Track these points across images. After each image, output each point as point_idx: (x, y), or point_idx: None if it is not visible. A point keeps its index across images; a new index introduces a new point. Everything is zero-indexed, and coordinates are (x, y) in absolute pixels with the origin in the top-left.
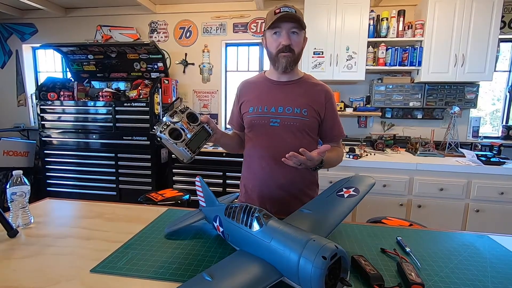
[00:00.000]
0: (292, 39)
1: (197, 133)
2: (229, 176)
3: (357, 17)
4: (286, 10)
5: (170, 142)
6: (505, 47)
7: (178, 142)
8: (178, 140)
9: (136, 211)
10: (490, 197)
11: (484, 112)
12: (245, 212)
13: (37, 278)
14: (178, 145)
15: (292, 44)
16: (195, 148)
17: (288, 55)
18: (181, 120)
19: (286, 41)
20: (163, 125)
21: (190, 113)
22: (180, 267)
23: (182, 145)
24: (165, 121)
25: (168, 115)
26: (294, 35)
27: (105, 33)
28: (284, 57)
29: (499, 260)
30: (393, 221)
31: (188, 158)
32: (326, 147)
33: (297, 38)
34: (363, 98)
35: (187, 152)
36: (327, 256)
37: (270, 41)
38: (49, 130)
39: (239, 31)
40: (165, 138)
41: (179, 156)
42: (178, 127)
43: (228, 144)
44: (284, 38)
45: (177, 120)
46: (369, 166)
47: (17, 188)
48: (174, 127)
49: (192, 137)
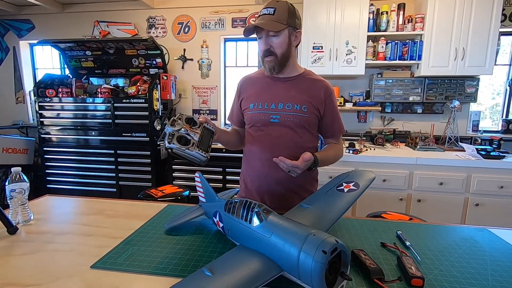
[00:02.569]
0: (271, 42)
1: (202, 134)
2: (228, 172)
3: (356, 11)
4: (264, 12)
5: (182, 149)
6: (506, 41)
7: (190, 147)
8: (188, 145)
9: (136, 208)
10: (489, 191)
11: (484, 106)
12: (245, 207)
13: (37, 274)
14: (191, 150)
15: (272, 47)
16: (206, 148)
17: (271, 59)
18: (183, 126)
19: (263, 46)
20: (168, 136)
21: (188, 118)
22: (180, 263)
23: (194, 149)
24: (169, 131)
25: (169, 125)
26: (272, 38)
27: (102, 29)
28: (267, 62)
29: (499, 254)
30: (393, 216)
31: (204, 159)
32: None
33: (276, 40)
34: (362, 93)
35: (201, 154)
36: (327, 251)
37: (258, 44)
38: (48, 127)
39: (238, 26)
40: (176, 147)
41: (194, 160)
42: (183, 134)
43: (227, 141)
44: (262, 43)
45: (179, 128)
46: (369, 161)
47: (16, 185)
48: (179, 134)
49: (199, 139)
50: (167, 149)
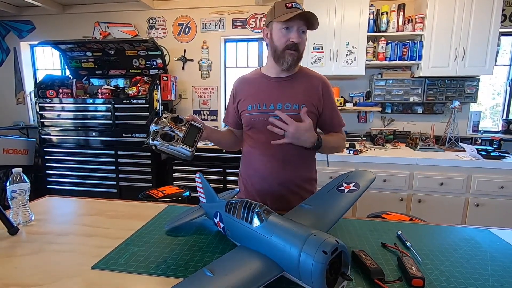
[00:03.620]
0: (301, 38)
1: (188, 131)
2: (229, 172)
3: (356, 11)
4: (298, 6)
5: (166, 145)
6: (506, 41)
7: (174, 142)
8: (172, 141)
9: (136, 208)
10: (490, 191)
11: (484, 107)
12: (246, 208)
13: (39, 275)
14: (174, 145)
15: (300, 43)
16: (192, 143)
17: (295, 54)
18: (167, 124)
19: (297, 39)
20: (152, 134)
21: (174, 117)
22: (181, 263)
23: (178, 144)
24: (153, 129)
25: (153, 124)
26: (302, 34)
27: (103, 29)
28: (291, 55)
29: (500, 254)
30: (393, 216)
31: (189, 155)
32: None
33: (304, 37)
34: (363, 93)
35: (186, 149)
36: (327, 251)
37: (279, 35)
38: (48, 128)
39: (238, 26)
40: (160, 143)
41: (179, 156)
42: (168, 131)
43: (220, 140)
44: (295, 36)
45: (163, 126)
46: (369, 161)
47: (17, 186)
48: (164, 132)
49: (184, 134)
50: (150, 146)
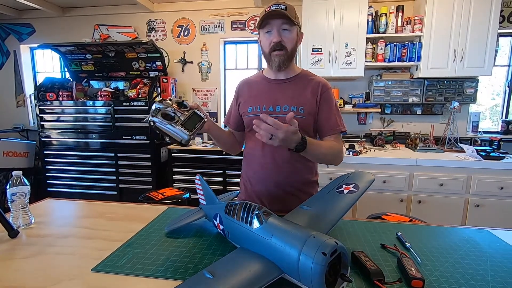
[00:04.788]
0: (283, 36)
1: (190, 116)
2: (229, 174)
3: (355, 13)
4: (276, 7)
5: (165, 123)
6: (504, 42)
7: (173, 123)
8: (172, 121)
9: (136, 210)
10: (490, 192)
11: (483, 107)
12: (245, 210)
13: (39, 278)
14: (174, 126)
15: (283, 41)
16: (191, 129)
17: (281, 53)
18: (171, 105)
19: (276, 38)
20: (154, 111)
21: (178, 101)
22: (181, 265)
23: (178, 125)
24: (156, 107)
25: (157, 102)
26: (285, 32)
27: (103, 32)
28: (277, 56)
29: (499, 255)
30: (393, 217)
31: (186, 138)
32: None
33: (288, 34)
34: (362, 95)
35: (184, 132)
36: (327, 252)
37: (263, 40)
38: (48, 130)
39: (237, 28)
40: (159, 120)
41: (176, 137)
42: (170, 112)
43: (220, 137)
44: (275, 35)
45: (166, 106)
46: (368, 163)
47: (17, 189)
48: (165, 111)
49: (185, 119)
50: (149, 122)
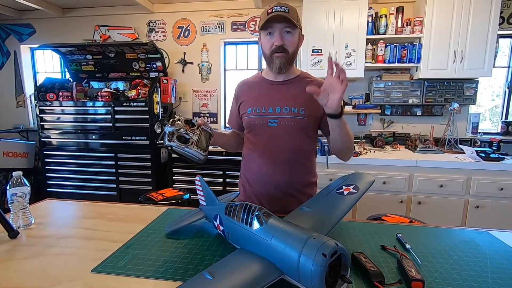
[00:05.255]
0: (285, 39)
1: (200, 135)
2: (229, 175)
3: (355, 14)
4: (278, 9)
5: (182, 147)
6: (504, 43)
7: (189, 145)
8: (187, 143)
9: (136, 211)
10: (489, 193)
11: (483, 108)
12: (245, 211)
13: (39, 278)
14: (190, 148)
15: (285, 44)
16: (204, 147)
17: (282, 56)
18: (182, 126)
19: (278, 42)
20: (168, 135)
21: (187, 120)
22: (181, 266)
23: (193, 147)
24: (169, 130)
25: (169, 125)
26: (287, 34)
27: (103, 33)
28: (278, 58)
29: (499, 256)
30: (393, 218)
31: (203, 158)
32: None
33: (290, 37)
34: (362, 96)
35: (200, 153)
36: (327, 254)
37: (264, 42)
38: (48, 130)
39: (237, 29)
40: (176, 145)
41: (193, 158)
42: (183, 133)
43: (225, 143)
44: (277, 38)
45: (179, 128)
46: (368, 164)
47: (17, 189)
48: (179, 134)
49: (198, 138)
50: (167, 147)
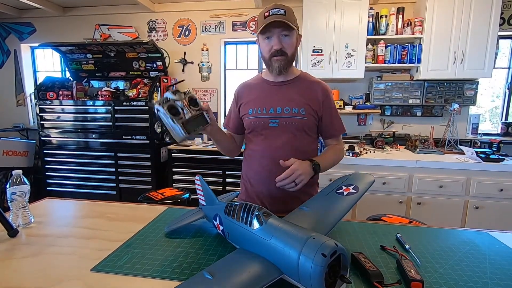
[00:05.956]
0: (283, 42)
1: (196, 117)
2: (228, 174)
3: (356, 14)
4: (275, 12)
5: (167, 116)
6: (504, 44)
7: (176, 118)
8: (175, 116)
9: (136, 210)
10: (489, 194)
11: (483, 109)
12: (245, 211)
13: (38, 278)
14: (174, 121)
15: (284, 47)
16: (191, 130)
17: (281, 59)
18: (182, 100)
19: (277, 46)
20: (163, 100)
21: (191, 97)
22: (180, 266)
23: (179, 123)
24: (167, 96)
25: (170, 92)
26: (285, 37)
27: (103, 32)
28: (277, 61)
29: (499, 257)
30: (392, 219)
31: (181, 137)
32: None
33: (289, 40)
34: (362, 96)
35: (182, 131)
36: (326, 254)
37: (263, 45)
38: (48, 129)
39: (238, 29)
40: (163, 111)
41: (172, 133)
42: (178, 106)
43: (221, 141)
44: (275, 42)
45: (177, 99)
46: (368, 164)
47: (17, 188)
48: (173, 104)
49: (190, 118)
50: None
